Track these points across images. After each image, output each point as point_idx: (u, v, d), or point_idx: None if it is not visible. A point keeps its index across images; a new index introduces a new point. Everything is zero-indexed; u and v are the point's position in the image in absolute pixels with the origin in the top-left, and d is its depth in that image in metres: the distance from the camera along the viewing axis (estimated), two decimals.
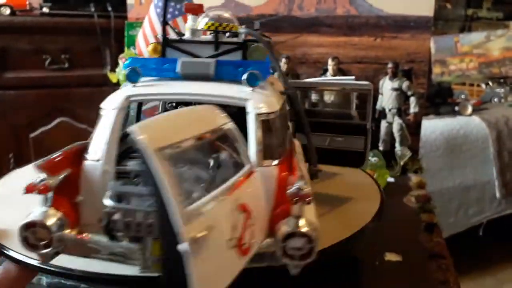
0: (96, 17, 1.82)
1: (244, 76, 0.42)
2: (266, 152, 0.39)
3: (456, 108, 2.07)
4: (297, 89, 0.58)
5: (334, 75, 1.04)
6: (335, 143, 0.59)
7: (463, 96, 2.50)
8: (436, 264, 0.63)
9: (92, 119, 1.77)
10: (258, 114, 0.39)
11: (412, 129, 1.05)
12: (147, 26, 1.02)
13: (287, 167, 0.41)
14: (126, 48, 1.12)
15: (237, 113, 0.41)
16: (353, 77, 0.64)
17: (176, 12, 1.00)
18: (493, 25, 2.90)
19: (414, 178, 0.96)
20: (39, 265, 0.39)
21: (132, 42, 1.13)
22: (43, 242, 0.36)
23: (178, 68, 0.44)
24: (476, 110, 2.15)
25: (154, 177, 0.25)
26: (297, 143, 0.53)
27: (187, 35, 0.50)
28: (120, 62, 1.02)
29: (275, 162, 0.40)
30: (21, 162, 1.77)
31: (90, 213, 0.37)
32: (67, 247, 0.37)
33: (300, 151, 0.51)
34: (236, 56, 0.47)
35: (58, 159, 0.37)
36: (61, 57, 1.84)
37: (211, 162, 0.32)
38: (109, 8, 1.84)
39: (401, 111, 1.03)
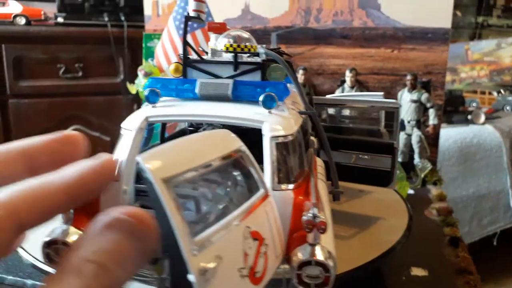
0: (110, 26, 1.84)
1: (260, 98, 0.41)
2: (282, 176, 0.39)
3: (469, 117, 2.06)
4: (320, 106, 0.58)
5: (352, 86, 1.04)
6: (361, 161, 0.59)
7: (474, 104, 2.49)
8: (463, 280, 0.62)
9: (105, 127, 1.78)
10: (274, 137, 0.39)
11: (430, 141, 1.05)
12: (166, 38, 1.03)
13: (305, 191, 0.40)
14: (144, 60, 1.13)
15: (257, 133, 0.40)
16: (382, 93, 0.64)
17: (195, 25, 1.01)
18: (504, 32, 2.88)
19: (434, 190, 0.95)
20: None
21: (150, 54, 1.13)
22: None
23: (197, 89, 0.44)
24: (489, 118, 2.14)
25: (161, 207, 0.24)
26: (319, 161, 0.53)
27: (209, 55, 0.50)
28: (140, 73, 1.03)
29: (291, 186, 0.39)
30: None
31: None
32: None
33: (322, 170, 0.51)
34: (256, 76, 0.47)
35: None
36: (75, 66, 1.86)
37: (224, 187, 0.32)
38: (122, 18, 1.86)
39: (420, 123, 1.03)
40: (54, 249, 0.36)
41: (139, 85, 1.03)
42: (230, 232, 0.28)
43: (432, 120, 1.02)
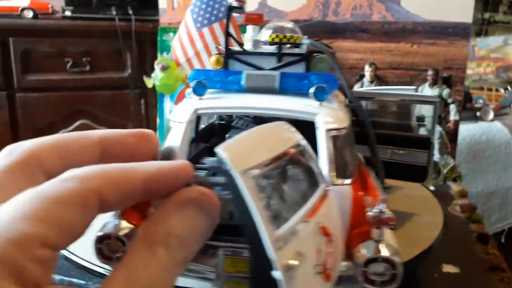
0: (117, 20, 1.82)
1: (312, 90, 0.40)
2: (339, 170, 0.38)
3: (478, 113, 2.05)
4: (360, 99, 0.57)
5: (372, 81, 1.03)
6: (396, 156, 0.58)
7: (481, 101, 2.48)
8: (497, 277, 0.62)
9: (112, 121, 1.76)
10: (329, 130, 0.38)
11: (450, 136, 1.04)
12: (183, 31, 1.02)
13: (362, 186, 0.39)
14: (159, 54, 1.12)
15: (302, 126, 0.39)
16: (414, 87, 0.63)
17: (213, 18, 1.00)
18: (511, 29, 2.87)
19: (454, 187, 0.95)
20: None
21: (166, 48, 1.12)
22: (117, 254, 0.36)
23: (243, 81, 0.43)
24: (496, 115, 2.14)
25: (243, 200, 0.23)
26: (360, 156, 0.52)
27: (248, 46, 0.49)
28: (156, 67, 1.01)
29: (348, 181, 0.38)
30: None
31: None
32: None
33: (365, 165, 0.50)
34: (299, 68, 0.46)
35: None
36: (82, 60, 1.84)
37: (291, 181, 0.31)
38: (130, 12, 1.84)
39: (441, 119, 1.02)
40: (106, 244, 0.35)
41: (156, 79, 1.02)
42: (305, 227, 0.27)
43: (453, 115, 1.01)
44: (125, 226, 0.34)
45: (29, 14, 1.77)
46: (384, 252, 0.33)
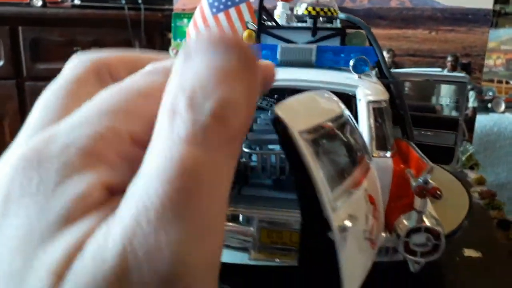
0: (127, 9, 1.81)
1: (351, 62, 0.40)
2: (379, 143, 0.38)
3: (489, 105, 2.03)
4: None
5: (389, 67, 1.02)
6: (423, 137, 0.57)
7: (491, 93, 2.46)
8: None
9: None
10: (370, 102, 0.38)
11: (467, 124, 1.03)
12: (199, 16, 1.01)
13: (403, 160, 0.39)
14: (172, 40, 1.11)
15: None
16: (440, 69, 0.62)
17: (229, 3, 0.99)
18: None
19: (471, 174, 0.94)
20: None
21: (181, 33, 1.11)
22: None
23: (279, 55, 0.43)
24: (507, 107, 2.12)
25: (300, 160, 0.23)
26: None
27: (281, 22, 0.49)
28: (171, 53, 1.01)
29: (389, 153, 0.38)
30: None
31: None
32: None
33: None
34: (334, 42, 0.46)
35: None
36: (91, 49, 1.83)
37: (335, 150, 0.31)
38: (139, 1, 1.83)
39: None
40: None
41: None
42: (356, 192, 0.27)
43: (471, 102, 1.00)
44: None
45: (39, 2, 1.76)
46: (428, 222, 0.32)
